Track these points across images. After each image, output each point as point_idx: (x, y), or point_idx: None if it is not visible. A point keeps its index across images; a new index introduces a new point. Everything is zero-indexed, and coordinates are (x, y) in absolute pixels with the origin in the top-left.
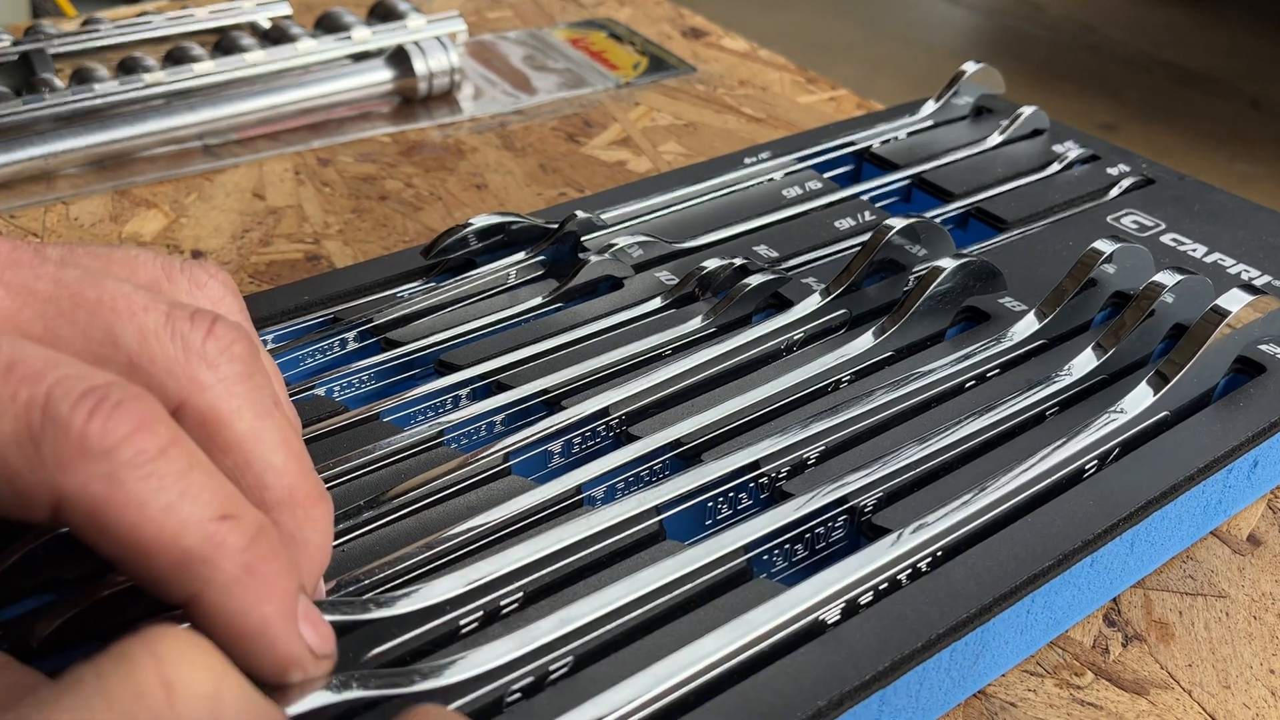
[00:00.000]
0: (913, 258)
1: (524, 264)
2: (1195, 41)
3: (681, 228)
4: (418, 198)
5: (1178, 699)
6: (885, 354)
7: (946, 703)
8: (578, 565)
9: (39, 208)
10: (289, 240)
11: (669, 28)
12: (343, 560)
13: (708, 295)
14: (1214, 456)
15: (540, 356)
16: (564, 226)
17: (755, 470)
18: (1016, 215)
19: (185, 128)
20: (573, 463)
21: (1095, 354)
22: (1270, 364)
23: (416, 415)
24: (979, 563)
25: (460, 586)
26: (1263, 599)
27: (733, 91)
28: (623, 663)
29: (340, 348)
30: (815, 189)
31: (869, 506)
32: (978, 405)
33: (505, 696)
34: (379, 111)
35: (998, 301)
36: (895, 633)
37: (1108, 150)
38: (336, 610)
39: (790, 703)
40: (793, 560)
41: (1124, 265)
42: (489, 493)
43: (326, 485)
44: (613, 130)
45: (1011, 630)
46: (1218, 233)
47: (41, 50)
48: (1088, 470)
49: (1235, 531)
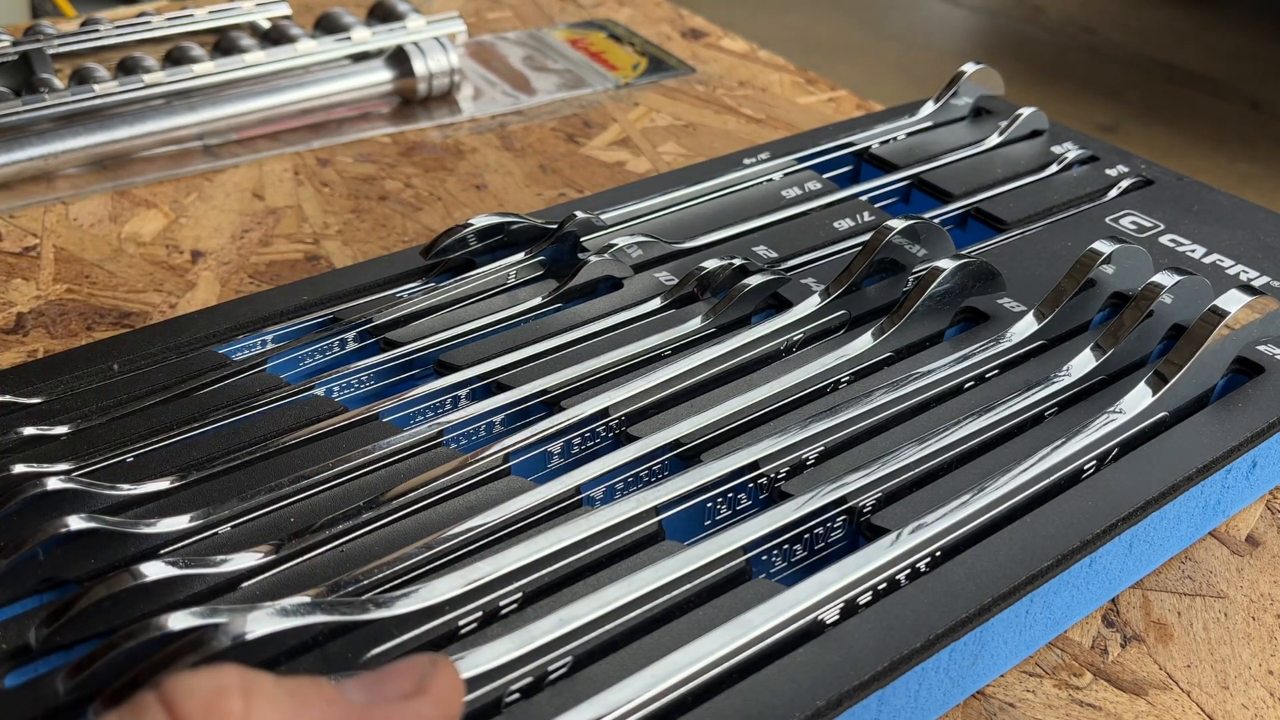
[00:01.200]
0: (912, 258)
1: (524, 264)
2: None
3: (681, 228)
4: (417, 198)
5: (1176, 699)
6: (884, 354)
7: (945, 703)
8: (577, 566)
9: (39, 208)
10: (288, 240)
11: (668, 28)
12: (343, 560)
13: (707, 295)
14: (1212, 457)
15: (540, 357)
16: (563, 227)
17: (754, 470)
18: (1016, 216)
19: (185, 128)
20: (572, 463)
21: (1094, 354)
22: (1269, 365)
23: (416, 415)
24: (978, 563)
25: (459, 587)
26: (1261, 599)
27: (732, 92)
28: (622, 663)
29: (340, 348)
30: (815, 189)
31: (868, 507)
32: (977, 406)
33: (504, 697)
34: (378, 112)
35: (997, 302)
36: (894, 633)
37: (1107, 151)
38: (336, 610)
39: (789, 703)
40: (792, 560)
41: (1123, 266)
42: (488, 493)
43: (326, 486)
44: (612, 131)
45: (1010, 631)
46: (1216, 233)
47: (41, 50)
48: (1086, 471)
49: (1234, 532)
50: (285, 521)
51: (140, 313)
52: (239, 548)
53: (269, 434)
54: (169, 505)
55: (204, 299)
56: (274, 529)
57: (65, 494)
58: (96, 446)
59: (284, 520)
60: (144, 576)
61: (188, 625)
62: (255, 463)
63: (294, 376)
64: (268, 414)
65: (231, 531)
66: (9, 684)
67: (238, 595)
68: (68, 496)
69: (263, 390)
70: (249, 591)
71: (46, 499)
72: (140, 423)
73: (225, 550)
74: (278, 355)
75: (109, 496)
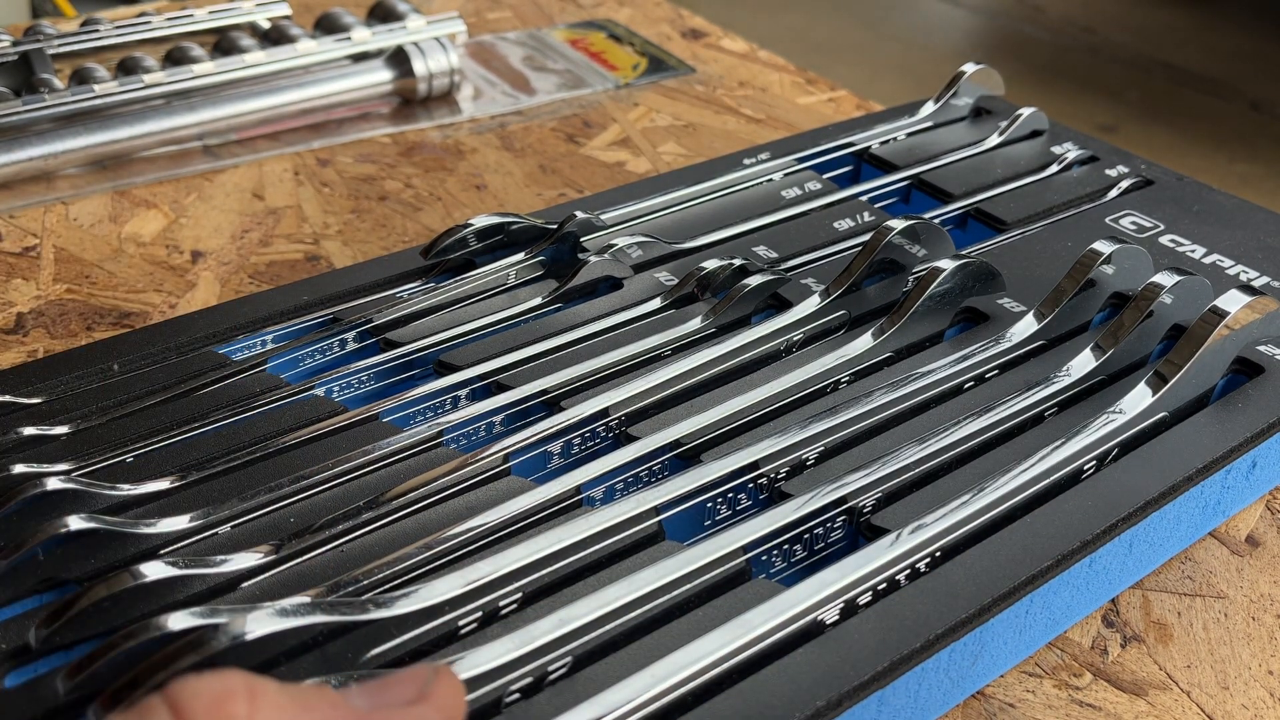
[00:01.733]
0: (912, 258)
1: (524, 264)
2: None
3: (681, 228)
4: (417, 198)
5: (1176, 700)
6: (884, 355)
7: (945, 703)
8: (577, 566)
9: (39, 208)
10: (289, 240)
11: (668, 28)
12: (342, 560)
13: (707, 296)
14: (1212, 457)
15: (540, 357)
16: (563, 227)
17: (754, 471)
18: (1016, 216)
19: (185, 128)
20: (572, 463)
21: (1094, 355)
22: (1269, 365)
23: (416, 415)
24: (978, 563)
25: (459, 587)
26: (1261, 600)
27: (732, 92)
28: (621, 663)
29: (340, 348)
30: (814, 190)
31: (868, 507)
32: (977, 406)
33: (504, 697)
34: (378, 112)
35: (997, 302)
36: (894, 633)
37: (1107, 151)
38: (336, 611)
39: (789, 703)
40: (792, 561)
41: (1123, 266)
42: (488, 493)
43: (326, 486)
44: (612, 131)
45: (1010, 631)
46: (1216, 234)
47: (41, 50)
48: (1086, 471)
49: (1234, 532)
50: (285, 521)
51: (140, 313)
52: (239, 548)
53: (269, 434)
54: (169, 505)
55: (204, 299)
56: (274, 529)
57: (65, 494)
58: (96, 446)
59: (284, 520)
60: (144, 576)
61: (188, 625)
62: (255, 463)
63: (295, 376)
64: (268, 414)
65: (231, 531)
66: (9, 684)
67: (238, 595)
68: (68, 496)
69: (263, 390)
70: (249, 591)
71: (46, 499)
72: (140, 423)
73: (225, 550)
74: (278, 355)
75: (109, 496)
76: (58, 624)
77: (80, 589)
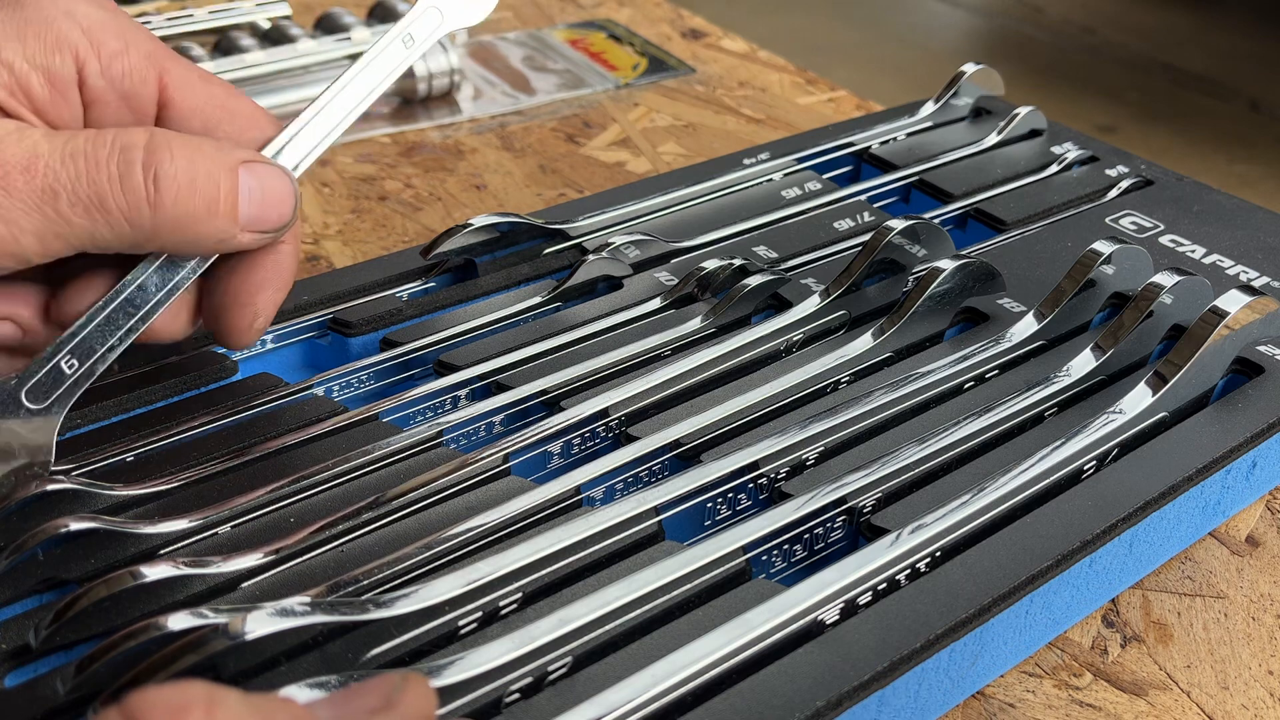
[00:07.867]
0: (912, 258)
1: (524, 264)
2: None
3: (681, 228)
4: (417, 198)
5: (1176, 700)
6: (884, 355)
7: (945, 703)
8: (577, 566)
9: None
10: None
11: (668, 29)
12: (343, 560)
13: (707, 296)
14: (1212, 457)
15: (540, 357)
16: (563, 227)
17: (754, 471)
18: (1015, 216)
19: None
20: (572, 463)
21: (1094, 355)
22: (1269, 365)
23: (416, 415)
24: (978, 563)
25: (459, 587)
26: (1261, 600)
27: (732, 92)
28: (621, 663)
29: (340, 348)
30: (814, 190)
31: (868, 507)
32: (977, 406)
33: (504, 697)
34: (378, 112)
35: (997, 302)
36: (894, 633)
37: (1107, 151)
38: (336, 611)
39: (789, 703)
40: (792, 560)
41: (1123, 266)
42: (488, 493)
43: (326, 486)
44: (612, 131)
45: (1010, 631)
46: (1216, 234)
47: None
48: (1086, 471)
49: (1234, 532)
50: (285, 521)
51: None
52: (239, 548)
53: (269, 434)
54: (169, 505)
55: None
56: (274, 529)
57: (65, 494)
58: (96, 446)
59: (284, 520)
60: (144, 576)
61: (188, 625)
62: (255, 463)
63: (294, 376)
64: (268, 414)
65: (231, 531)
66: (9, 684)
67: (238, 595)
68: (68, 496)
69: (263, 390)
70: (249, 591)
71: (46, 499)
72: (140, 423)
73: (225, 550)
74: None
75: (109, 496)
76: (58, 624)
77: (80, 589)
